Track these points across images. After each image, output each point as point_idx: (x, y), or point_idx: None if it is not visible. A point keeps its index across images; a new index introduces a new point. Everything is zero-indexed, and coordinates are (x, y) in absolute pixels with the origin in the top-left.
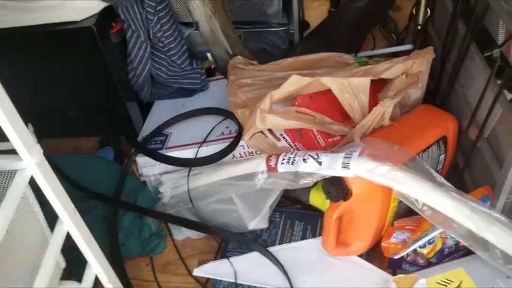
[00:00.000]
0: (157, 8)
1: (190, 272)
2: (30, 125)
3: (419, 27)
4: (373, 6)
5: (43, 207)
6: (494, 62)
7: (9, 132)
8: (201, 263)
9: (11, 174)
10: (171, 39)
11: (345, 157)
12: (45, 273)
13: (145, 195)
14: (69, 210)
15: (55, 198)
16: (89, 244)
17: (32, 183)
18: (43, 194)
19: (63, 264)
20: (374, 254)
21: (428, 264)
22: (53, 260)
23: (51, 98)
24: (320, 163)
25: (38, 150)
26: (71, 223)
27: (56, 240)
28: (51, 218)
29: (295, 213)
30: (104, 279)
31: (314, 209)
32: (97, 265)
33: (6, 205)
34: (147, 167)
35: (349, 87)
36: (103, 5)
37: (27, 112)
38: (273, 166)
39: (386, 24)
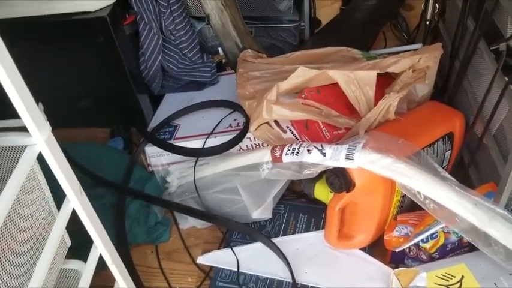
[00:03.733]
0: (171, 1)
1: (194, 260)
2: (40, 103)
3: (428, 23)
4: (384, 4)
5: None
6: (501, 57)
7: (20, 108)
8: (205, 252)
9: (20, 150)
10: (183, 32)
11: (348, 148)
12: (51, 249)
13: (153, 184)
14: (75, 188)
15: (62, 176)
16: (94, 224)
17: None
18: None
19: (68, 243)
20: (376, 249)
21: (431, 260)
22: (58, 236)
23: (64, 88)
24: (324, 154)
25: (47, 127)
26: (77, 201)
27: (62, 217)
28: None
29: (300, 206)
30: (108, 260)
31: (319, 203)
32: (101, 245)
33: (14, 179)
34: (155, 156)
35: (356, 80)
36: None
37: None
38: (277, 156)
39: (398, 23)
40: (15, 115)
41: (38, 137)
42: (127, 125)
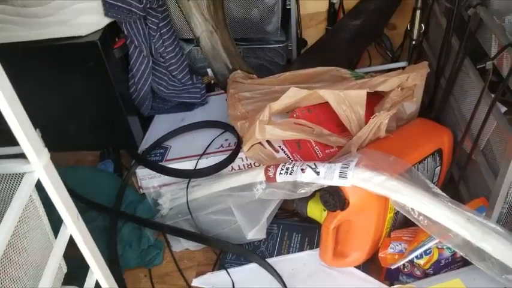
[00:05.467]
0: (160, 25)
1: (188, 283)
2: (38, 130)
3: (413, 43)
4: (369, 25)
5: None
6: (487, 75)
7: (19, 135)
8: (199, 274)
9: (19, 177)
10: (172, 54)
11: (342, 167)
12: (49, 276)
13: (145, 207)
14: (72, 214)
15: (60, 202)
16: (91, 249)
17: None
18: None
19: (65, 269)
20: (371, 266)
21: (425, 275)
22: (56, 263)
23: (54, 111)
24: (318, 173)
25: (46, 153)
26: (74, 227)
27: (60, 244)
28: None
29: (293, 226)
30: (104, 286)
31: (312, 221)
32: (98, 271)
33: (14, 206)
34: (146, 179)
35: (346, 99)
36: (107, 20)
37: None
38: (271, 176)
39: (382, 42)
40: (6, 142)
41: (37, 163)
42: (117, 147)
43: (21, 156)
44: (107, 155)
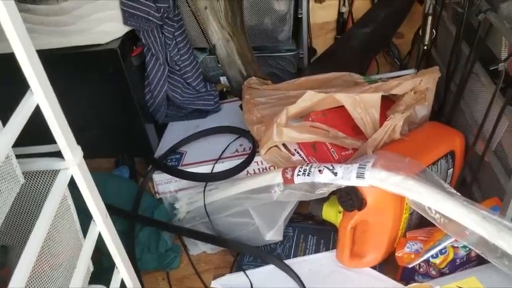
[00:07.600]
0: (176, 34)
1: (206, 286)
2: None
3: (425, 48)
4: (378, 33)
5: None
6: (499, 77)
7: (56, 133)
8: (217, 277)
9: (53, 174)
10: (187, 62)
11: (359, 167)
12: (80, 275)
13: (161, 211)
14: (102, 212)
15: (91, 199)
16: (118, 248)
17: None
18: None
19: (91, 268)
20: (387, 266)
21: (441, 275)
22: (86, 260)
23: (74, 119)
24: (335, 174)
25: (79, 151)
26: (103, 225)
27: (90, 242)
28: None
29: (308, 228)
30: (129, 285)
31: (327, 224)
32: (124, 270)
33: (49, 202)
34: (163, 184)
35: (361, 102)
36: (126, 29)
37: None
38: (289, 178)
39: (390, 50)
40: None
41: (71, 160)
42: (134, 154)
43: (54, 155)
44: (122, 162)
